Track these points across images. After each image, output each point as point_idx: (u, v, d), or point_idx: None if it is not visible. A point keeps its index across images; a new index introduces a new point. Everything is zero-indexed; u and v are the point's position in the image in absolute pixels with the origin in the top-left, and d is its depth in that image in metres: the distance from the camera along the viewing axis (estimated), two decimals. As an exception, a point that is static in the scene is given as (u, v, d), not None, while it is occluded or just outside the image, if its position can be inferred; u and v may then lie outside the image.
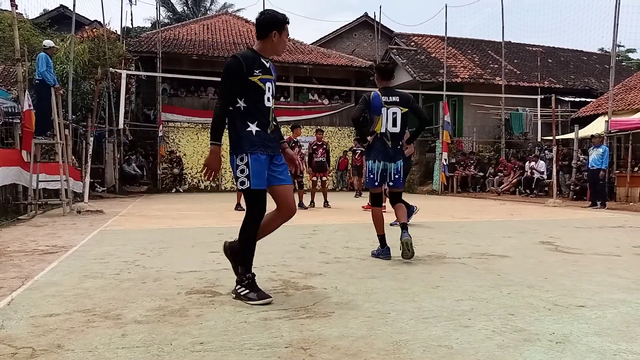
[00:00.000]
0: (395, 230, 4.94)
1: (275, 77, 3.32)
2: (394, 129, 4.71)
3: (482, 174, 18.29)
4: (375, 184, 4.80)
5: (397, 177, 4.77)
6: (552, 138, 13.79)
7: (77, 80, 14.63)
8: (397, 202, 4.85)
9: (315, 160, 11.24)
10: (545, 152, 16.22)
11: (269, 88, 3.21)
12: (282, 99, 21.06)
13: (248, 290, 3.08)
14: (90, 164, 10.75)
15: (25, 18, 17.87)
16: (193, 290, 3.37)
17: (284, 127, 9.87)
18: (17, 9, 9.63)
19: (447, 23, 20.16)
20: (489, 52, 23.30)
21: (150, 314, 2.80)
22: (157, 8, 22.32)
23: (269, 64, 3.25)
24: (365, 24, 27.62)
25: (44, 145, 10.27)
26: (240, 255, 3.18)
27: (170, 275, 3.86)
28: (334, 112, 22.05)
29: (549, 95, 15.54)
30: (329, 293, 3.30)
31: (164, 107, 19.88)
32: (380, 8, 34.11)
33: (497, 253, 4.98)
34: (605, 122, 13.77)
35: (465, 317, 2.76)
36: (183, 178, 20.00)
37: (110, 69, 16.19)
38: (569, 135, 16.12)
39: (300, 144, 11.22)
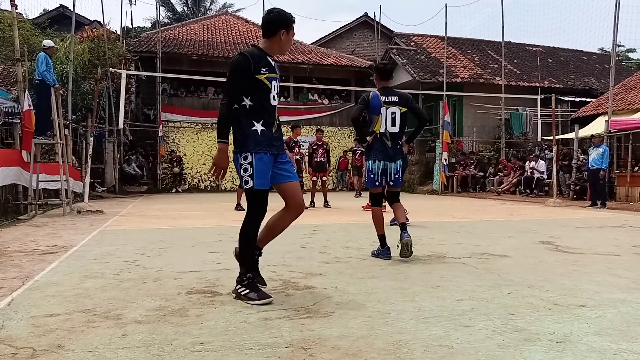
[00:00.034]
0: (396, 230, 4.94)
1: (279, 75, 3.32)
2: (393, 129, 4.72)
3: (482, 174, 18.29)
4: (376, 184, 4.81)
5: (397, 176, 4.81)
6: (552, 138, 13.79)
7: (77, 80, 14.63)
8: (395, 201, 4.87)
9: (316, 160, 11.23)
10: (545, 151, 16.22)
11: (275, 87, 3.21)
12: (282, 99, 21.06)
13: (248, 290, 3.08)
14: (90, 164, 10.75)
15: (25, 18, 17.88)
16: (193, 290, 3.37)
17: (284, 127, 9.84)
18: (17, 9, 9.64)
19: (447, 23, 20.20)
20: (489, 52, 23.30)
21: (151, 314, 2.81)
22: (157, 8, 22.33)
23: (274, 63, 3.25)
24: (365, 24, 27.62)
25: (44, 145, 10.27)
26: (241, 255, 3.18)
27: (171, 275, 3.86)
28: (334, 112, 22.06)
29: (549, 95, 15.54)
30: (329, 293, 3.30)
31: (164, 107, 19.88)
32: (380, 8, 34.13)
33: (497, 253, 4.98)
34: (605, 121, 13.77)
35: (466, 316, 2.76)
36: (183, 178, 20.00)
37: (110, 69, 16.19)
38: (569, 135, 16.12)
39: (300, 144, 11.22)
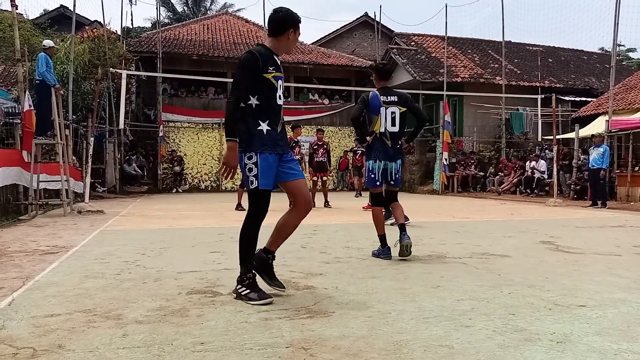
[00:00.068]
0: (396, 230, 4.95)
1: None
2: (393, 129, 4.74)
3: (482, 174, 18.29)
4: (377, 184, 4.82)
5: (397, 176, 4.84)
6: (552, 137, 13.79)
7: (77, 81, 14.63)
8: (394, 201, 4.89)
9: (316, 160, 11.23)
10: (546, 151, 16.22)
11: (280, 86, 3.20)
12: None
13: (249, 290, 3.08)
14: (91, 164, 10.75)
15: (26, 18, 17.89)
16: (194, 291, 3.37)
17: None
18: (17, 9, 9.64)
19: (447, 23, 20.15)
20: (489, 51, 23.28)
21: (151, 314, 2.81)
22: (157, 8, 22.38)
23: (280, 62, 3.24)
24: (366, 24, 27.62)
25: (45, 146, 10.28)
26: (241, 255, 3.17)
27: (171, 276, 3.86)
28: (334, 112, 22.06)
29: (550, 95, 15.54)
30: (330, 293, 3.30)
31: (165, 107, 19.89)
32: (381, 8, 34.12)
33: (497, 253, 4.98)
34: (606, 121, 13.77)
35: (466, 316, 2.76)
36: (184, 178, 20.00)
37: (111, 69, 16.20)
38: (570, 135, 16.12)
39: (301, 144, 11.22)
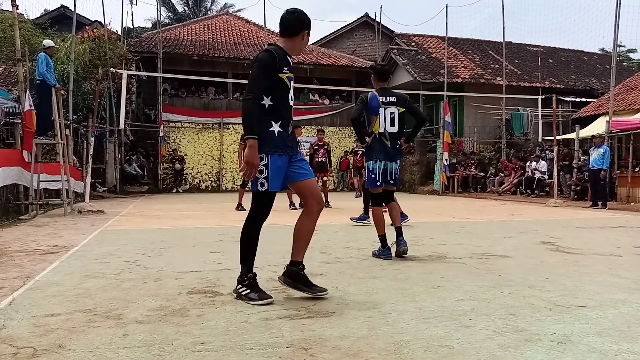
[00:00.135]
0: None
1: None
2: (392, 129, 4.79)
3: (483, 174, 18.29)
4: (377, 184, 4.83)
5: (397, 176, 4.90)
6: (553, 138, 13.79)
7: (78, 81, 14.64)
8: (391, 200, 4.93)
9: (317, 161, 11.23)
10: (546, 152, 16.22)
11: (292, 87, 3.20)
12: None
13: (249, 290, 3.08)
14: (91, 164, 10.76)
15: (26, 18, 17.90)
16: (194, 290, 3.37)
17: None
18: (17, 9, 9.65)
19: (447, 23, 20.20)
20: (490, 52, 23.29)
21: (152, 314, 2.81)
22: (157, 8, 22.43)
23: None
24: (366, 24, 27.63)
25: (45, 146, 10.28)
26: (242, 255, 3.17)
27: (171, 275, 3.86)
28: (335, 112, 22.06)
29: (550, 96, 15.53)
30: (330, 293, 3.29)
31: (165, 107, 19.90)
32: (381, 8, 34.05)
33: (498, 253, 4.98)
34: (606, 122, 13.77)
35: (466, 317, 2.76)
36: (184, 177, 19.99)
37: (111, 69, 16.21)
38: (570, 136, 16.12)
39: (301, 145, 11.22)
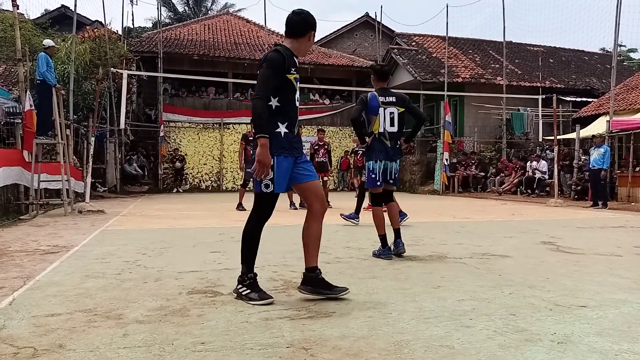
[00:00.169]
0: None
1: None
2: (392, 129, 4.80)
3: (483, 174, 18.29)
4: (377, 184, 4.84)
5: (396, 175, 4.91)
6: (553, 138, 13.79)
7: (78, 80, 14.64)
8: (390, 200, 4.94)
9: (317, 161, 11.24)
10: (547, 152, 16.21)
11: (298, 88, 3.19)
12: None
13: (249, 290, 3.08)
14: (92, 164, 10.76)
15: (27, 18, 17.90)
16: (194, 290, 3.37)
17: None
18: (18, 9, 9.64)
19: (448, 23, 20.19)
20: (490, 52, 23.28)
21: (152, 314, 2.81)
22: (158, 8, 22.47)
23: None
24: (366, 24, 27.62)
25: (46, 145, 10.28)
26: (243, 255, 3.17)
27: (172, 275, 3.86)
28: (335, 112, 22.06)
29: (550, 95, 15.54)
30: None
31: (165, 107, 19.90)
32: (382, 8, 33.98)
33: (498, 253, 4.98)
34: (607, 122, 13.76)
35: (467, 317, 2.76)
36: (184, 177, 19.99)
37: (112, 69, 16.21)
38: (571, 135, 16.11)
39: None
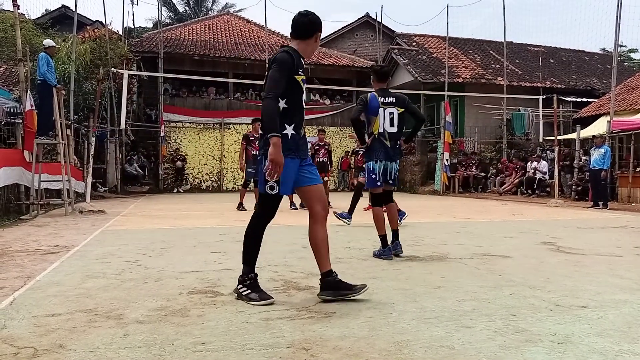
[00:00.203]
0: (400, 230, 4.96)
1: None
2: (392, 129, 4.81)
3: (483, 174, 18.28)
4: (378, 184, 4.84)
5: (395, 176, 4.92)
6: (553, 138, 13.78)
7: (79, 81, 14.65)
8: (390, 201, 4.94)
9: (317, 161, 11.23)
10: (547, 152, 16.21)
11: (305, 89, 3.19)
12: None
13: (250, 291, 3.08)
14: (92, 164, 10.76)
15: (27, 18, 17.90)
16: (195, 291, 3.37)
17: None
18: (19, 9, 9.65)
19: (448, 23, 20.18)
20: (491, 52, 23.28)
21: (152, 314, 2.81)
22: (158, 8, 22.48)
23: None
24: (367, 24, 27.62)
25: (46, 146, 10.28)
26: (244, 254, 3.17)
27: (172, 276, 3.86)
28: (336, 112, 22.05)
29: (551, 96, 15.53)
30: (331, 293, 3.29)
31: (166, 107, 19.91)
32: (382, 8, 34.05)
33: (498, 253, 4.98)
34: (607, 122, 13.75)
35: (467, 317, 2.76)
36: (185, 177, 19.99)
37: (112, 69, 16.22)
38: (571, 136, 16.10)
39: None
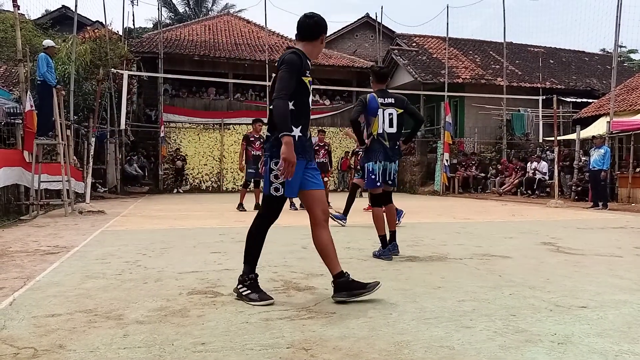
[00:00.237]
0: (399, 230, 4.96)
1: None
2: (391, 130, 4.82)
3: (483, 175, 18.29)
4: (377, 185, 4.84)
5: (395, 176, 4.92)
6: (553, 139, 13.79)
7: (79, 81, 14.65)
8: (389, 202, 4.95)
9: (317, 161, 11.23)
10: (547, 152, 16.22)
11: (311, 91, 3.18)
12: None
13: (250, 291, 3.08)
14: (92, 165, 10.76)
15: (27, 19, 17.91)
16: (194, 291, 3.37)
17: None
18: (19, 10, 9.65)
19: (448, 24, 20.21)
20: (491, 52, 23.29)
21: (152, 315, 2.81)
22: (158, 9, 22.49)
23: None
24: (367, 25, 27.64)
25: (46, 146, 10.29)
26: (246, 254, 3.17)
27: (172, 276, 3.86)
28: (336, 112, 22.05)
29: (551, 96, 15.55)
30: (331, 293, 3.29)
31: (166, 107, 19.91)
32: (382, 9, 34.09)
33: (498, 254, 4.98)
34: (607, 122, 13.76)
35: (467, 317, 2.76)
36: (185, 178, 19.98)
37: (112, 70, 16.22)
38: (571, 136, 16.11)
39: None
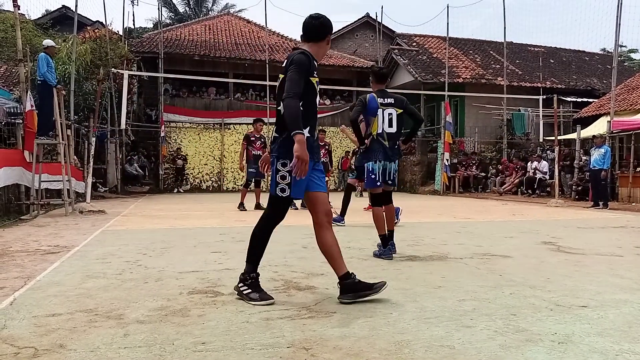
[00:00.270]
0: (398, 230, 4.96)
1: None
2: (390, 129, 4.84)
3: (484, 174, 18.28)
4: (377, 184, 4.84)
5: (394, 176, 4.92)
6: (554, 138, 13.79)
7: (79, 81, 14.66)
8: (388, 201, 4.95)
9: (318, 161, 11.23)
10: (547, 152, 16.21)
11: (318, 91, 3.18)
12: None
13: (250, 290, 3.08)
14: (93, 164, 10.76)
15: (28, 19, 17.92)
16: (195, 291, 3.37)
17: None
18: (19, 10, 9.65)
19: (448, 23, 20.21)
20: (491, 52, 23.29)
21: (152, 314, 2.81)
22: (159, 8, 22.50)
23: None
24: (367, 24, 27.63)
25: (47, 146, 10.29)
26: (249, 253, 3.17)
27: (172, 275, 3.87)
28: (336, 112, 22.04)
29: (551, 96, 15.54)
30: (331, 293, 3.30)
31: (166, 107, 19.91)
32: (382, 8, 34.09)
33: (499, 253, 4.98)
34: (608, 122, 13.76)
35: (467, 317, 2.76)
36: (185, 177, 19.99)
37: (112, 70, 16.22)
38: (571, 136, 16.11)
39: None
